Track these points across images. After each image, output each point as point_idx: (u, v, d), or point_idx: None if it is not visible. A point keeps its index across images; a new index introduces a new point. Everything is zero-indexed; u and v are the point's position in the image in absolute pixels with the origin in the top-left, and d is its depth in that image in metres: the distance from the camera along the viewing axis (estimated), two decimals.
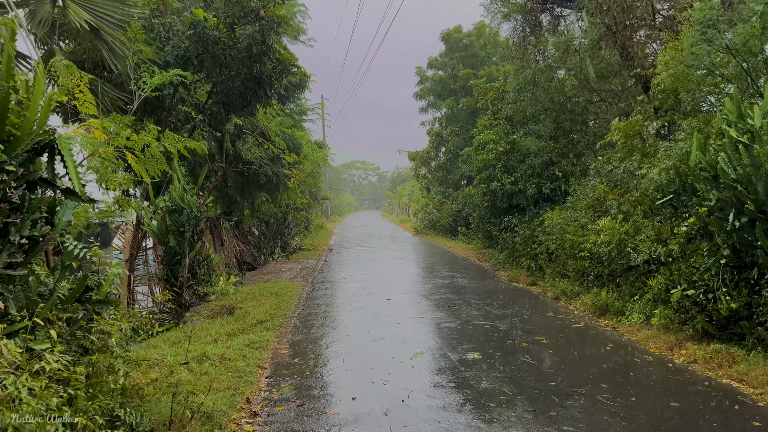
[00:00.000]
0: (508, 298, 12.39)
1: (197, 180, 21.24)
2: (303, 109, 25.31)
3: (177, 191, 12.95)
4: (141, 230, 13.85)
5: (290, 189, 24.12)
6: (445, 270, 17.30)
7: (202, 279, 13.65)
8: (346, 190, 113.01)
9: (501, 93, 19.21)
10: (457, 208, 28.85)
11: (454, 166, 33.34)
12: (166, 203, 12.83)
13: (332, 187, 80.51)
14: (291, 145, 22.52)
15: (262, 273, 19.44)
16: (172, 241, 12.70)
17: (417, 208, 39.41)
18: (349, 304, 12.12)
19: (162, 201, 12.90)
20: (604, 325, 9.49)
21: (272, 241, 24.67)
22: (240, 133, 20.22)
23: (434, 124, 36.75)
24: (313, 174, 32.59)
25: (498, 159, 17.30)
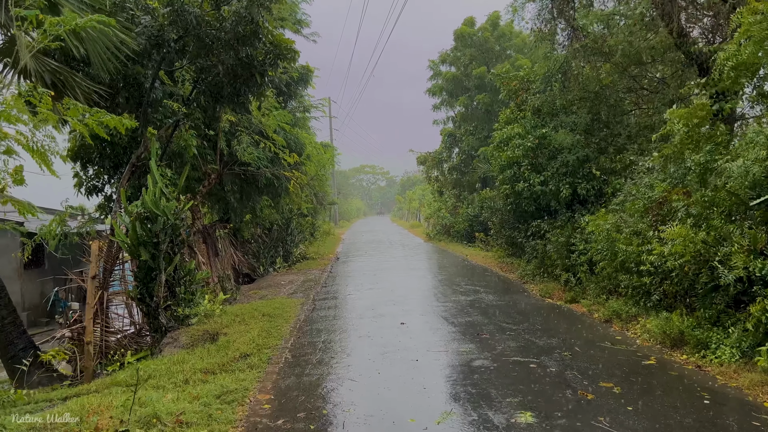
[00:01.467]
0: (548, 320, 10.23)
1: (189, 183, 19.29)
2: (306, 106, 23.30)
3: (150, 195, 10.92)
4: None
5: (293, 193, 22.08)
6: (466, 283, 15.16)
7: (183, 298, 11.61)
8: (354, 195, 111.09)
9: (526, 83, 17.08)
10: (474, 212, 26.70)
11: (469, 167, 31.23)
12: (138, 209, 10.81)
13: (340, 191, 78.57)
14: (293, 145, 20.53)
15: (260, 286, 17.39)
16: (144, 254, 10.67)
17: (429, 213, 37.29)
18: (355, 330, 10.02)
19: (134, 207, 10.89)
20: (684, 362, 7.32)
21: (273, 249, 22.64)
22: (235, 132, 18.22)
23: (447, 123, 34.67)
24: (318, 177, 30.60)
25: (525, 156, 15.16)
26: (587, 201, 14.44)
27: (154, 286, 10.98)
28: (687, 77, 13.50)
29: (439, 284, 15.24)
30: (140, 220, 10.73)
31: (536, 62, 19.25)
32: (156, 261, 10.83)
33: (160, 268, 10.86)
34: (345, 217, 74.77)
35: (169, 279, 11.52)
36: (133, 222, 10.44)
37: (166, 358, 9.25)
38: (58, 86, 12.78)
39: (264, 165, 18.84)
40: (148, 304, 11.05)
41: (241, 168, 18.73)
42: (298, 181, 20.39)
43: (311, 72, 23.64)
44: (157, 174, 11.90)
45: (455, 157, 33.05)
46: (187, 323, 11.26)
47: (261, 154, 18.64)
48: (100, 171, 16.18)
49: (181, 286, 11.65)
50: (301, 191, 22.50)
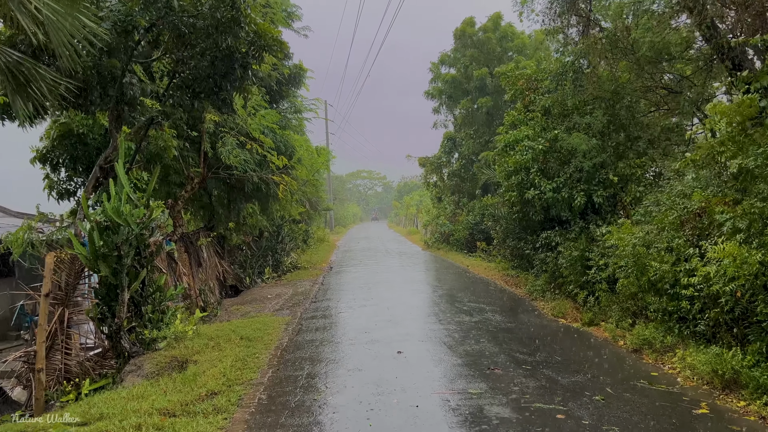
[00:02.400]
0: (567, 348, 8.89)
1: (171, 188, 17.97)
2: (298, 106, 21.97)
3: (113, 202, 9.56)
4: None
5: (283, 199, 20.71)
6: (469, 299, 13.81)
7: (150, 319, 10.23)
8: (351, 200, 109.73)
9: (533, 82, 15.79)
10: (474, 219, 25.38)
11: (469, 173, 29.94)
12: (97, 218, 9.45)
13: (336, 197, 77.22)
14: (282, 147, 19.18)
15: (244, 301, 16.01)
16: (104, 269, 9.29)
17: (427, 220, 35.96)
18: (345, 360, 8.64)
19: (94, 215, 9.52)
20: (743, 411, 5.98)
21: (262, 259, 21.26)
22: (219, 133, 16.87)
23: (447, 127, 33.38)
24: (312, 182, 29.25)
25: (534, 160, 13.84)
26: (602, 210, 13.13)
27: (117, 306, 9.60)
28: (714, 75, 12.24)
29: (439, 300, 13.88)
30: (99, 230, 9.36)
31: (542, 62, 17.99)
32: (118, 277, 9.45)
33: (123, 284, 9.48)
34: (341, 222, 73.40)
35: (135, 296, 10.15)
36: (90, 232, 9.07)
37: (124, 392, 7.90)
38: (21, 79, 11.46)
39: (251, 169, 17.50)
40: (109, 326, 9.67)
41: (226, 172, 17.38)
42: (288, 186, 19.02)
43: (304, 71, 22.35)
44: (123, 177, 10.54)
45: (455, 162, 31.76)
46: (154, 347, 9.88)
47: (248, 156, 17.30)
48: (72, 174, 14.85)
49: (149, 305, 10.27)
50: (291, 197, 21.14)
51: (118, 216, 9.33)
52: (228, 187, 18.76)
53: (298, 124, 25.14)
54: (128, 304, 9.99)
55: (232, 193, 18.97)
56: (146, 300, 10.25)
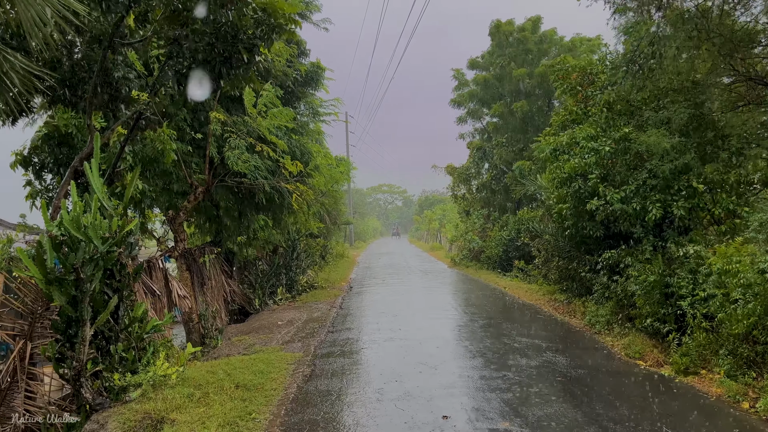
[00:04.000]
0: (678, 415, 6.50)
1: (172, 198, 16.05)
2: (315, 108, 19.83)
3: (75, 210, 7.45)
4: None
5: (299, 210, 18.58)
6: (519, 332, 11.45)
7: (123, 359, 8.06)
8: (371, 214, 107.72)
9: (590, 75, 13.49)
10: (509, 235, 22.98)
11: (501, 184, 27.60)
12: (53, 230, 7.34)
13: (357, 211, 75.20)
14: (297, 153, 17.11)
15: (251, 328, 13.82)
16: (58, 297, 7.16)
17: (454, 235, 33.59)
18: (371, 428, 6.35)
19: (51, 227, 7.42)
20: None
21: (274, 277, 19.09)
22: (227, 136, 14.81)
23: (474, 137, 31.11)
24: (331, 194, 27.15)
25: (597, 165, 11.50)
26: (682, 225, 10.75)
27: (78, 344, 7.46)
28: None
29: (482, 333, 11.54)
30: (54, 247, 7.24)
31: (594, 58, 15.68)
32: (78, 307, 7.31)
33: (84, 317, 7.33)
34: (361, 237, 71.25)
35: (104, 331, 8.01)
36: (38, 250, 6.94)
37: None
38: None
39: (262, 176, 15.42)
40: (70, 368, 7.52)
41: (234, 180, 15.34)
42: (304, 196, 16.87)
43: (322, 70, 20.30)
44: (96, 180, 8.45)
45: (485, 173, 29.45)
46: (124, 398, 7.70)
47: (259, 162, 15.22)
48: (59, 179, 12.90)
49: (121, 342, 8.12)
50: (308, 209, 19.00)
51: (77, 229, 7.20)
52: (237, 197, 16.73)
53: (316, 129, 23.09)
54: (95, 340, 7.86)
55: (242, 203, 16.93)
56: (117, 335, 8.10)
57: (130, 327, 8.29)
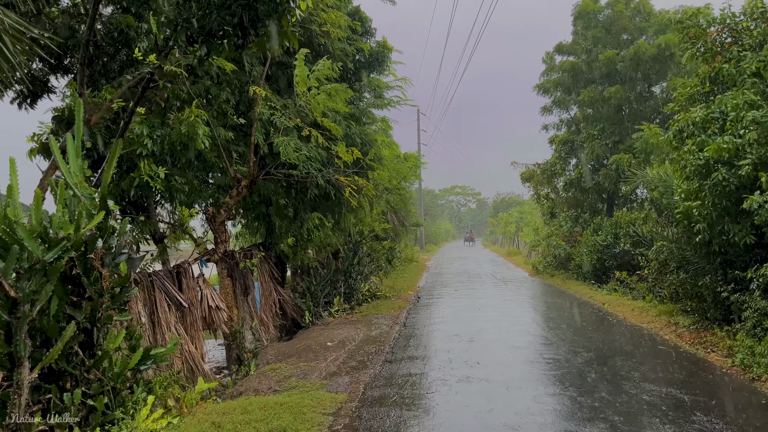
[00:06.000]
0: None
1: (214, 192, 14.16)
2: (380, 89, 17.17)
3: (8, 197, 5.19)
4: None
5: (359, 208, 16.12)
6: (642, 376, 8.39)
7: (91, 410, 5.76)
8: (443, 217, 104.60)
9: (732, 32, 10.20)
10: (605, 240, 19.57)
11: (593, 182, 24.13)
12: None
13: (428, 212, 72.36)
14: (358, 141, 14.68)
15: (293, 349, 11.42)
16: None
17: (536, 240, 30.22)
18: None
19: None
20: None
21: (330, 285, 16.70)
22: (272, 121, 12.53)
23: (560, 129, 27.71)
24: (399, 192, 24.60)
25: (761, 143, 8.28)
26: None
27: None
28: None
29: (593, 375, 8.56)
30: None
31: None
32: (14, 340, 5.04)
33: (20, 353, 5.05)
34: (432, 240, 68.38)
35: (68, 369, 5.74)
36: None
37: None
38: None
39: (316, 168, 13.07)
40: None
41: (282, 172, 13.05)
42: (364, 191, 14.37)
43: (389, 50, 17.75)
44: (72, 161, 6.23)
45: (572, 169, 26.01)
46: None
47: (312, 152, 12.87)
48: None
49: (92, 384, 5.82)
50: (369, 206, 16.51)
51: (8, 226, 4.91)
52: (287, 192, 14.47)
53: (384, 125, 20.56)
54: (44, 384, 5.60)
55: (293, 200, 14.67)
56: (84, 376, 5.80)
57: (96, 365, 5.96)
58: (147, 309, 10.27)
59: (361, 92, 17.10)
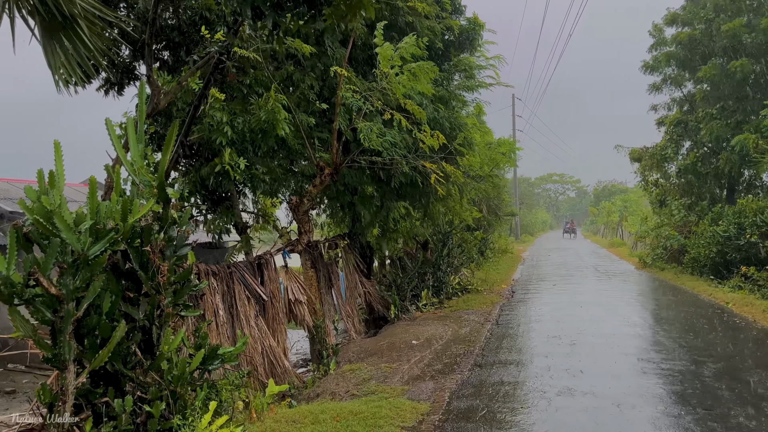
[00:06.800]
0: None
1: (297, 180, 13.87)
2: (470, 69, 15.99)
3: (51, 183, 4.75)
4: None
5: (447, 196, 15.19)
6: None
7: (148, 417, 5.30)
8: (539, 206, 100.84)
9: None
10: (726, 231, 17.39)
11: (711, 167, 21.73)
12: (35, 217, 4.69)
13: (524, 201, 69.75)
14: (447, 125, 13.78)
15: (376, 347, 10.72)
16: (20, 324, 4.52)
17: (644, 230, 27.86)
18: None
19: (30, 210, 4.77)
20: None
21: (418, 278, 15.90)
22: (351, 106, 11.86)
23: (671, 109, 25.24)
24: (491, 180, 23.35)
25: None
26: None
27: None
28: None
29: (725, 393, 7.19)
30: (21, 245, 4.61)
31: None
32: (58, 341, 4.62)
33: (65, 356, 4.62)
34: (528, 230, 65.89)
35: (123, 371, 5.30)
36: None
37: None
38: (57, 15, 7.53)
39: (400, 154, 12.32)
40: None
41: (365, 158, 12.39)
42: (454, 179, 13.44)
43: (480, 27, 16.60)
44: (132, 145, 5.81)
45: (686, 153, 23.58)
46: None
47: (397, 137, 12.11)
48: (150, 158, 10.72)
49: (150, 388, 5.36)
50: (459, 194, 15.51)
51: (46, 217, 4.46)
52: (371, 180, 13.81)
53: (476, 110, 19.37)
54: (94, 389, 5.19)
55: (378, 188, 14.01)
56: (136, 380, 5.34)
57: (152, 365, 5.48)
58: (226, 302, 9.95)
59: (450, 73, 16.06)
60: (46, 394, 4.88)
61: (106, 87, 11.18)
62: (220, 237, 12.27)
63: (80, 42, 7.78)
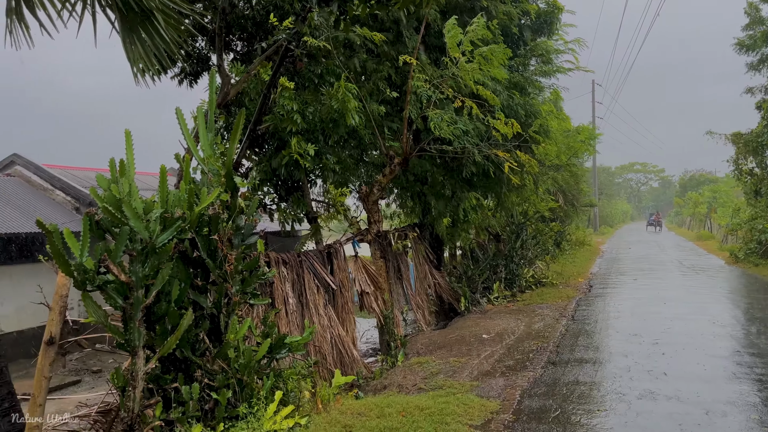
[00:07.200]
0: None
1: (368, 170, 13.89)
2: (548, 54, 15.27)
3: (122, 171, 4.82)
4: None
5: (523, 187, 14.73)
6: None
7: (215, 404, 5.34)
8: (620, 196, 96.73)
9: None
10: None
11: None
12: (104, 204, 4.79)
13: (603, 191, 67.09)
14: (521, 112, 13.30)
15: (446, 340, 10.51)
16: (91, 309, 4.64)
17: (735, 222, 26.03)
18: None
19: (101, 200, 4.88)
20: None
21: (490, 270, 15.50)
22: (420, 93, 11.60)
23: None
24: (569, 170, 22.50)
25: None
26: None
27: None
28: None
29: None
30: (94, 232, 4.71)
31: None
32: (128, 327, 4.70)
33: (135, 342, 4.71)
34: (607, 221, 63.37)
35: (193, 359, 5.37)
36: (50, 236, 4.38)
37: None
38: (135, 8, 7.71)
39: (472, 143, 12.01)
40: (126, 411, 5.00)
41: (436, 147, 12.13)
42: (528, 168, 12.95)
43: (559, 10, 15.92)
44: (201, 134, 5.87)
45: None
46: None
47: (468, 125, 11.80)
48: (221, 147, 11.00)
49: (216, 376, 5.40)
50: (534, 184, 14.97)
51: (115, 205, 4.53)
52: (441, 169, 13.57)
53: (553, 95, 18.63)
54: (163, 375, 5.27)
55: (449, 177, 13.75)
56: (203, 367, 5.39)
57: (227, 352, 5.51)
58: (295, 290, 10.00)
59: (526, 58, 15.49)
60: (119, 377, 5.00)
61: (181, 77, 11.44)
62: (291, 226, 12.37)
63: (157, 34, 7.94)
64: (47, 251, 4.42)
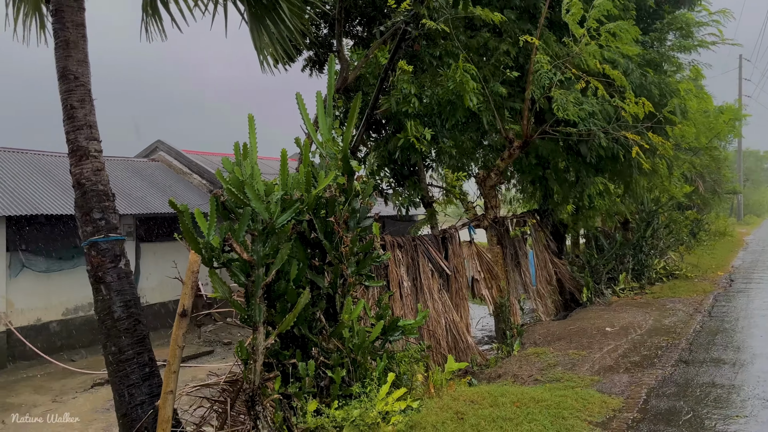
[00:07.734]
0: None
1: (487, 154, 13.70)
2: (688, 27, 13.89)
3: (249, 153, 5.04)
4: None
5: (655, 172, 13.79)
6: None
7: (331, 382, 5.49)
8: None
9: None
10: None
11: None
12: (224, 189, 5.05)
13: (749, 178, 60.93)
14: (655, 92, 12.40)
15: (566, 331, 10.07)
16: (218, 285, 4.91)
17: None
18: None
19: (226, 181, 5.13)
20: None
21: (616, 260, 14.61)
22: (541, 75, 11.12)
23: None
24: (709, 153, 20.62)
25: None
26: None
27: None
28: None
29: None
30: (220, 213, 4.98)
31: None
32: (250, 303, 4.95)
33: (256, 318, 4.93)
34: (754, 210, 57.60)
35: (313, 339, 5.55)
36: (181, 217, 4.66)
37: None
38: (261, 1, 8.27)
39: (599, 125, 11.39)
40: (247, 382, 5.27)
41: (559, 129, 11.64)
42: (662, 151, 12.02)
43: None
44: (320, 115, 6.03)
45: None
46: None
47: (595, 107, 11.21)
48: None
49: (332, 354, 5.55)
50: (668, 168, 13.87)
51: (238, 187, 4.74)
52: (564, 153, 13.03)
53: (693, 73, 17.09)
54: (282, 351, 5.48)
55: (572, 161, 13.17)
56: (320, 345, 5.55)
57: (342, 332, 5.64)
58: (410, 274, 10.05)
59: (662, 33, 14.34)
60: (242, 351, 5.26)
61: (309, 65, 11.79)
62: (407, 210, 12.42)
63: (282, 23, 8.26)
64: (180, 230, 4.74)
